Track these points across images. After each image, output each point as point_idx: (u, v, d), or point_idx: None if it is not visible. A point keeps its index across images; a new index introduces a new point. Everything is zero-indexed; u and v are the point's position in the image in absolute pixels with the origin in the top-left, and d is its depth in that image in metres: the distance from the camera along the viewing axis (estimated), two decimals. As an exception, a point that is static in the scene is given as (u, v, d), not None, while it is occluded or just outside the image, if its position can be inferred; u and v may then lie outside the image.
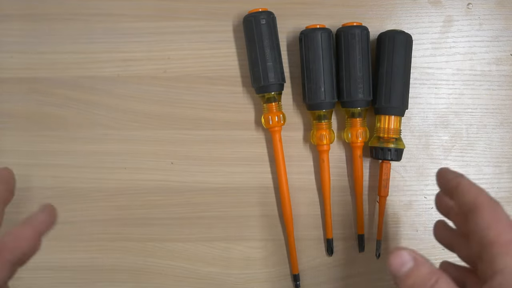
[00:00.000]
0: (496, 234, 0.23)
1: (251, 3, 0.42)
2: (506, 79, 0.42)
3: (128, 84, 0.43)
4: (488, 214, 0.24)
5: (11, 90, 0.43)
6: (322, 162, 0.40)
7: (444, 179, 0.29)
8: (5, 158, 0.43)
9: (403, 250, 0.25)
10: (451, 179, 0.28)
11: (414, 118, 0.42)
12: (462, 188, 0.27)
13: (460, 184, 0.27)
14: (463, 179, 0.27)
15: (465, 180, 0.27)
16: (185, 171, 0.42)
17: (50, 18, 0.43)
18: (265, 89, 0.39)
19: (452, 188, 0.27)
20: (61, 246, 0.42)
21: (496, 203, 0.25)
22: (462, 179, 0.27)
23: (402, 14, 0.42)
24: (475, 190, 0.26)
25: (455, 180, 0.27)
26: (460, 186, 0.27)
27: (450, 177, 0.28)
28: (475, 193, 0.26)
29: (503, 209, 0.25)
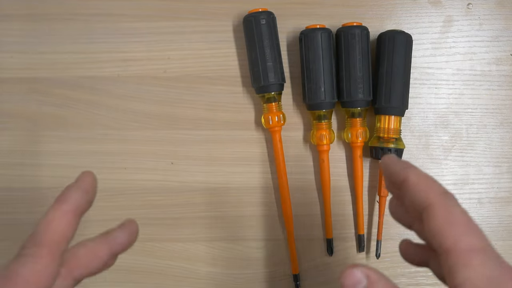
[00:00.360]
0: (452, 241, 0.20)
1: (251, 3, 0.42)
2: (506, 79, 0.42)
3: (128, 84, 0.43)
4: (441, 216, 0.21)
5: (11, 90, 0.43)
6: (322, 162, 0.40)
7: (389, 172, 0.24)
8: (5, 158, 0.43)
9: (355, 268, 0.21)
10: (397, 172, 0.23)
11: (414, 118, 0.42)
12: (410, 184, 0.22)
13: (407, 178, 0.23)
14: (411, 171, 0.23)
15: (413, 172, 0.23)
16: (185, 171, 0.42)
17: (50, 18, 0.43)
18: (265, 89, 0.39)
19: (399, 183, 0.23)
20: (61, 246, 0.42)
21: (449, 199, 0.21)
22: (410, 171, 0.23)
23: (402, 14, 0.42)
24: (425, 184, 0.22)
25: (402, 173, 0.23)
26: (408, 181, 0.22)
27: (396, 169, 0.24)
28: (425, 188, 0.22)
29: (459, 205, 0.21)
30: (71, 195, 0.24)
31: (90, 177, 0.25)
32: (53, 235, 0.22)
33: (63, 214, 0.23)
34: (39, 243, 0.22)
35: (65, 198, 0.23)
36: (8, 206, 0.43)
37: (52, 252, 0.21)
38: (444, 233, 0.20)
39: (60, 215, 0.22)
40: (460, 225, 0.20)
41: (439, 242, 0.20)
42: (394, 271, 0.41)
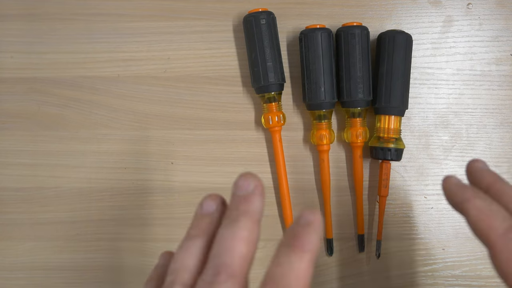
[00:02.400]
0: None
1: (251, 3, 0.42)
2: (506, 79, 0.42)
3: (128, 84, 0.43)
4: (504, 261, 0.20)
5: (11, 90, 0.43)
6: (322, 162, 0.40)
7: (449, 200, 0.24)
8: (5, 158, 0.43)
9: None
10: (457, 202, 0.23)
11: (414, 118, 0.42)
12: (470, 219, 0.22)
13: (467, 212, 0.22)
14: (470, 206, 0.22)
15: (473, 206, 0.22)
16: (185, 171, 0.42)
17: (50, 18, 0.43)
18: (265, 89, 0.39)
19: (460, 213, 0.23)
20: (61, 246, 0.42)
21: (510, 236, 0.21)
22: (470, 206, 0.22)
23: (402, 14, 0.42)
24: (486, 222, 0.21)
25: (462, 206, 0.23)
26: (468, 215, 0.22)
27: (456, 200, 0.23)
28: (486, 227, 0.21)
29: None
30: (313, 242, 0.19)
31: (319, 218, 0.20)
32: None
33: (308, 266, 0.19)
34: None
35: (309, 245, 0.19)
36: (8, 206, 0.43)
37: None
38: (508, 274, 0.20)
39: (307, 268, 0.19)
40: None
41: (505, 280, 0.20)
42: (394, 271, 0.41)
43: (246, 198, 0.21)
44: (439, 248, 0.41)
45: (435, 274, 0.41)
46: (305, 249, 0.19)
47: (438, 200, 0.41)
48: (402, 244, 0.41)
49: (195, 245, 0.21)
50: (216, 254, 0.20)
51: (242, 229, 0.20)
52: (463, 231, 0.41)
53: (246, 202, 0.21)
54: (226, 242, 0.20)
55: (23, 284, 0.42)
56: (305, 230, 0.19)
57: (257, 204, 0.21)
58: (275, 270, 0.19)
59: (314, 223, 0.20)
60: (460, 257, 0.41)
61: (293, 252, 0.19)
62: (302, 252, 0.19)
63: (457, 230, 0.41)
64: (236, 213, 0.20)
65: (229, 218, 0.20)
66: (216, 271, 0.19)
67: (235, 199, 0.21)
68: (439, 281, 0.41)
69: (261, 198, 0.21)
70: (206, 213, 0.22)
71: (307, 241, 0.19)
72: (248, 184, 0.22)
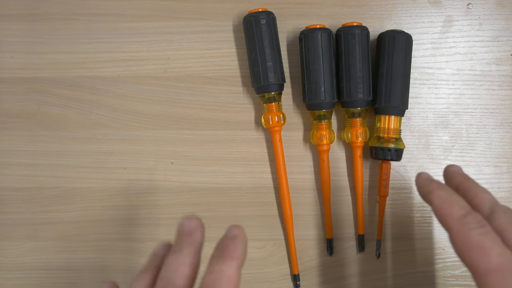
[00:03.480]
0: (471, 265, 0.22)
1: (251, 3, 0.42)
2: (506, 79, 0.42)
3: (128, 84, 0.43)
4: (459, 242, 0.23)
5: (11, 90, 0.43)
6: (322, 162, 0.40)
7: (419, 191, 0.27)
8: (5, 158, 0.43)
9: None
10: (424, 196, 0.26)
11: (414, 118, 0.42)
12: (434, 209, 0.25)
13: (431, 204, 0.25)
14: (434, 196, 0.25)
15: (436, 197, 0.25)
16: (185, 171, 0.42)
17: (50, 18, 0.43)
18: (265, 89, 0.39)
19: (427, 203, 0.26)
20: (61, 246, 0.42)
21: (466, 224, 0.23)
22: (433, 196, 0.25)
23: (402, 14, 0.42)
24: (445, 209, 0.24)
25: (427, 198, 0.26)
26: (432, 206, 0.25)
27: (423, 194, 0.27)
28: (445, 213, 0.24)
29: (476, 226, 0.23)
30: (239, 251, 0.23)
31: (243, 231, 0.25)
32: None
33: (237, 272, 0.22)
34: None
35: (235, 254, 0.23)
36: (8, 206, 0.43)
37: None
38: (463, 258, 0.23)
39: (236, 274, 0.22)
40: (476, 249, 0.22)
41: (462, 259, 0.23)
42: (394, 271, 0.41)
43: (189, 232, 0.25)
44: (439, 248, 0.41)
45: (435, 274, 0.41)
46: (233, 257, 0.23)
47: (438, 200, 0.41)
48: (402, 244, 0.41)
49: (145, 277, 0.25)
50: (164, 275, 0.23)
51: (185, 255, 0.23)
52: (463, 231, 0.41)
53: (189, 236, 0.25)
54: (172, 265, 0.23)
55: (23, 284, 0.42)
56: (232, 242, 0.24)
57: (199, 237, 0.25)
58: (208, 277, 0.22)
59: (239, 236, 0.24)
60: (460, 257, 0.41)
61: (223, 261, 0.22)
62: (231, 260, 0.23)
63: (457, 230, 0.41)
64: (180, 244, 0.24)
65: (174, 248, 0.24)
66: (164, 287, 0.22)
67: (180, 234, 0.25)
68: (439, 281, 0.41)
69: (201, 233, 0.25)
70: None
71: (234, 251, 0.23)
72: (191, 223, 0.25)
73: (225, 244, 0.23)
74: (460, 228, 0.23)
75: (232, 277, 0.22)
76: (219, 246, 0.24)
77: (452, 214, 0.24)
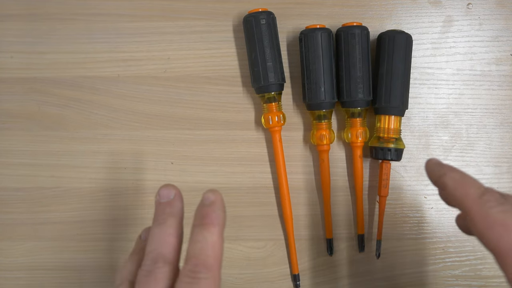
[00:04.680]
0: (493, 245, 0.22)
1: (251, 3, 0.42)
2: (506, 79, 0.42)
3: (128, 84, 0.43)
4: (480, 222, 0.22)
5: (11, 90, 0.43)
6: (322, 162, 0.40)
7: (431, 180, 0.27)
8: (5, 158, 0.43)
9: None
10: (436, 180, 0.26)
11: (414, 118, 0.42)
12: (448, 192, 0.24)
13: (445, 186, 0.25)
14: (447, 179, 0.25)
15: (449, 179, 0.25)
16: (185, 171, 0.42)
17: (50, 18, 0.43)
18: (265, 89, 0.39)
19: (440, 187, 0.26)
20: (61, 246, 0.42)
21: (485, 202, 0.23)
22: (447, 179, 0.25)
23: (402, 14, 0.42)
24: (461, 190, 0.24)
25: (441, 181, 0.25)
26: (446, 189, 0.25)
27: (435, 177, 0.26)
28: (461, 195, 0.24)
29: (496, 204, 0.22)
30: (220, 217, 0.24)
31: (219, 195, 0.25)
32: (219, 259, 0.23)
33: (220, 238, 0.23)
34: (210, 267, 0.22)
35: (216, 220, 0.24)
36: (8, 206, 0.43)
37: (220, 275, 0.23)
38: (485, 238, 0.22)
39: (219, 239, 0.23)
40: (498, 227, 0.22)
41: (484, 244, 0.22)
42: (394, 271, 0.41)
43: (169, 203, 0.25)
44: (439, 248, 0.41)
45: (435, 274, 0.41)
46: (215, 223, 0.23)
47: (438, 200, 0.41)
48: (402, 244, 0.41)
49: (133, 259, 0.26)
50: (151, 249, 0.24)
51: (169, 226, 0.24)
52: (463, 231, 0.41)
53: (169, 207, 0.25)
54: (158, 238, 0.24)
55: (23, 284, 0.42)
56: (211, 208, 0.24)
57: (179, 207, 0.25)
58: (194, 246, 0.23)
59: (217, 201, 0.24)
60: (460, 257, 0.41)
61: (205, 229, 0.23)
62: (213, 227, 0.23)
63: (457, 230, 0.41)
64: (162, 216, 0.25)
65: (157, 221, 0.25)
66: (154, 260, 0.23)
67: (159, 205, 0.25)
68: (439, 281, 0.41)
69: (181, 203, 0.25)
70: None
71: (214, 217, 0.23)
72: (169, 193, 0.26)
73: (204, 211, 0.24)
74: (479, 207, 0.22)
75: (216, 243, 0.23)
76: (198, 214, 0.24)
77: (469, 194, 0.23)
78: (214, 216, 0.24)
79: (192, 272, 0.22)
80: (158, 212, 0.25)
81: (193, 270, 0.22)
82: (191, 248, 0.23)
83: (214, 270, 0.22)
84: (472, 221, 0.23)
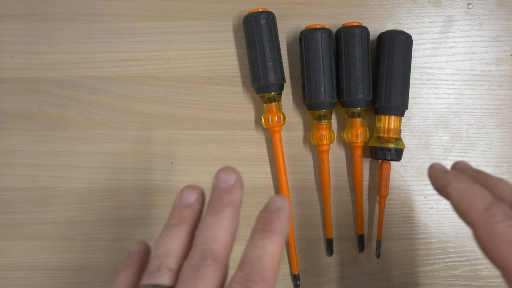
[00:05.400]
0: (500, 261, 0.20)
1: (251, 3, 0.42)
2: (506, 79, 0.42)
3: (128, 84, 0.43)
4: (486, 238, 0.21)
5: (11, 90, 0.43)
6: (322, 162, 0.40)
7: (434, 186, 0.25)
8: (5, 158, 0.43)
9: None
10: (440, 188, 0.24)
11: (414, 118, 0.42)
12: (453, 202, 0.23)
13: (449, 196, 0.23)
14: (452, 189, 0.23)
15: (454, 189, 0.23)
16: (185, 171, 0.42)
17: (50, 18, 0.43)
18: (265, 89, 0.39)
19: (444, 197, 0.24)
20: (61, 246, 0.42)
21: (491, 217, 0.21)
22: (451, 189, 0.23)
23: (402, 14, 0.42)
24: (466, 202, 0.22)
25: (445, 190, 0.23)
26: (450, 198, 0.23)
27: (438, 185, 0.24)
28: (466, 207, 0.22)
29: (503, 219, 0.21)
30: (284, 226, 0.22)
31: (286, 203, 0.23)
32: (276, 271, 0.21)
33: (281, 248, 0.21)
34: (265, 279, 0.20)
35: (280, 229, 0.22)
36: (8, 206, 0.43)
37: None
38: (491, 254, 0.21)
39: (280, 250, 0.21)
40: (505, 244, 0.20)
41: (491, 260, 0.21)
42: (394, 271, 0.41)
43: (228, 190, 0.23)
44: (439, 248, 0.41)
45: (435, 274, 0.41)
46: (278, 232, 0.21)
47: (438, 200, 0.41)
48: (402, 244, 0.41)
49: (178, 233, 0.23)
50: (202, 241, 0.21)
51: (225, 218, 0.22)
52: (463, 231, 0.41)
53: (228, 194, 0.23)
54: (211, 231, 0.22)
55: (23, 284, 0.42)
56: (275, 215, 0.22)
57: (238, 195, 0.23)
58: (251, 253, 0.21)
59: (283, 208, 0.22)
60: (460, 257, 0.41)
61: (267, 236, 0.21)
62: (275, 236, 0.21)
63: (457, 230, 0.41)
64: (219, 204, 0.22)
65: (213, 208, 0.22)
66: (203, 255, 0.21)
67: (217, 190, 0.23)
68: (439, 281, 0.41)
69: (241, 190, 0.23)
70: (186, 204, 0.24)
71: (278, 225, 0.21)
72: (229, 177, 0.23)
73: (268, 217, 0.22)
74: (485, 222, 0.21)
75: (276, 252, 0.21)
76: (261, 219, 0.22)
77: (475, 207, 0.22)
78: (278, 224, 0.21)
79: (245, 280, 0.20)
80: (214, 197, 0.23)
81: (246, 278, 0.20)
82: (248, 254, 0.21)
83: (268, 282, 0.20)
84: (478, 236, 0.21)
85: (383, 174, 0.40)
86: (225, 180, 0.23)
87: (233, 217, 0.22)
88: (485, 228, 0.21)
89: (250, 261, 0.21)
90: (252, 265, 0.21)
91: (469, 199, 0.22)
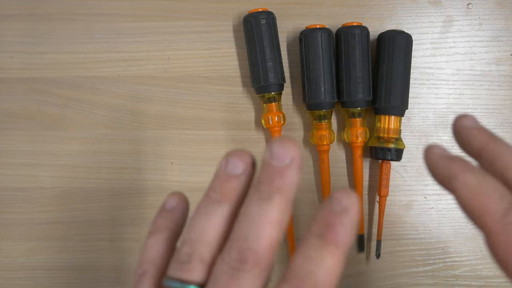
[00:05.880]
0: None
1: (251, 3, 0.42)
2: (506, 79, 0.42)
3: (128, 84, 0.43)
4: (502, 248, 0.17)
5: (11, 90, 0.43)
6: (322, 162, 0.40)
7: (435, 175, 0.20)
8: (5, 158, 0.43)
9: None
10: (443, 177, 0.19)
11: (414, 118, 0.42)
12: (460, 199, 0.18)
13: (455, 191, 0.19)
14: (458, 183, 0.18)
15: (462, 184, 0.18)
16: (185, 171, 0.42)
17: (50, 18, 0.43)
18: (265, 89, 0.39)
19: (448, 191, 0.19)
20: (61, 246, 0.42)
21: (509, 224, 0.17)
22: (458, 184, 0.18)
23: (402, 14, 0.42)
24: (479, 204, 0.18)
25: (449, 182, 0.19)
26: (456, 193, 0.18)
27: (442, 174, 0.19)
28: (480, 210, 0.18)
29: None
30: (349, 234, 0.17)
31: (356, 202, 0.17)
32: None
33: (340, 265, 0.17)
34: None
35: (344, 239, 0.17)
36: (8, 206, 0.43)
37: None
38: (507, 264, 0.17)
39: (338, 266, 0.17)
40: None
41: (504, 269, 0.17)
42: (394, 271, 0.41)
43: (282, 171, 0.18)
44: (439, 248, 0.41)
45: (435, 274, 0.41)
46: (339, 243, 0.16)
47: (438, 200, 0.41)
48: (402, 244, 0.41)
49: (217, 213, 0.19)
50: (243, 236, 0.17)
51: (274, 210, 0.17)
52: (463, 231, 0.41)
53: (281, 177, 0.17)
54: (255, 224, 0.17)
55: (23, 284, 0.42)
56: (340, 219, 0.17)
57: (293, 181, 0.18)
58: (302, 264, 0.17)
59: (351, 209, 0.17)
60: (460, 257, 0.41)
61: (325, 246, 0.16)
62: (336, 247, 0.16)
63: (457, 230, 0.41)
64: (268, 189, 0.17)
65: (260, 193, 0.18)
66: (241, 256, 0.17)
67: (268, 169, 0.18)
68: (439, 281, 0.41)
69: (297, 173, 0.18)
70: (231, 175, 0.20)
71: (342, 234, 0.16)
72: (285, 154, 0.18)
73: (330, 220, 0.17)
74: (502, 230, 0.17)
75: (333, 269, 0.16)
76: (321, 221, 0.17)
77: (489, 210, 0.17)
78: (342, 232, 0.16)
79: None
80: (263, 178, 0.18)
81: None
82: (297, 264, 0.17)
83: None
84: (492, 245, 0.17)
85: (383, 174, 0.40)
86: (280, 156, 0.18)
87: (284, 209, 0.17)
88: (504, 240, 0.17)
89: (299, 274, 0.17)
90: (301, 281, 0.17)
91: (482, 200, 0.18)
